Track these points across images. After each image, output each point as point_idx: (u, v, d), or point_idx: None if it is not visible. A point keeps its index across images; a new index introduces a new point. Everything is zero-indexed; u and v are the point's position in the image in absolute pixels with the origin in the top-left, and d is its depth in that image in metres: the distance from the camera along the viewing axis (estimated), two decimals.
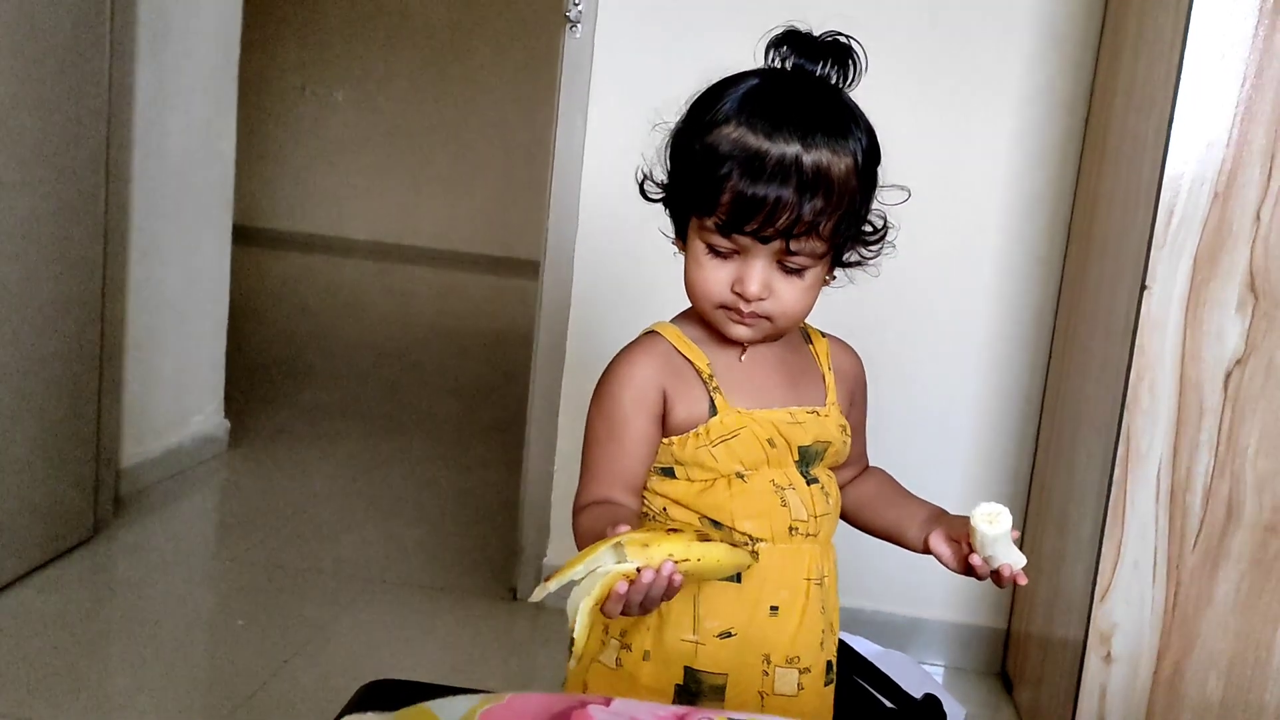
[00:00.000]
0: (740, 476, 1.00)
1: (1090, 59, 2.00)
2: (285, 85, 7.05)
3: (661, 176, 1.03)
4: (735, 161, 0.93)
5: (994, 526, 0.96)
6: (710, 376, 1.00)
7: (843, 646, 1.92)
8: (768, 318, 0.97)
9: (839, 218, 0.95)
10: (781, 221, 0.92)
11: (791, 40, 0.99)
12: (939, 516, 1.07)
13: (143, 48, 2.41)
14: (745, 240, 0.94)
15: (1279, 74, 1.50)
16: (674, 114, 1.02)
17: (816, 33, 1.00)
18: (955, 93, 2.05)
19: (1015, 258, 2.07)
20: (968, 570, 1.01)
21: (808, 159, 0.93)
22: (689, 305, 1.06)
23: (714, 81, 1.00)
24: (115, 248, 2.32)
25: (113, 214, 2.28)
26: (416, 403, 3.78)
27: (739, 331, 0.99)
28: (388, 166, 7.12)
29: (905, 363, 2.10)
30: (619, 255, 2.13)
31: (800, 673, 1.01)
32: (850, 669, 1.83)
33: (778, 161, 0.92)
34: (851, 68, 1.00)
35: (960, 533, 1.01)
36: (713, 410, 0.99)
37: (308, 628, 2.05)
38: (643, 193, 1.04)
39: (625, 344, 1.05)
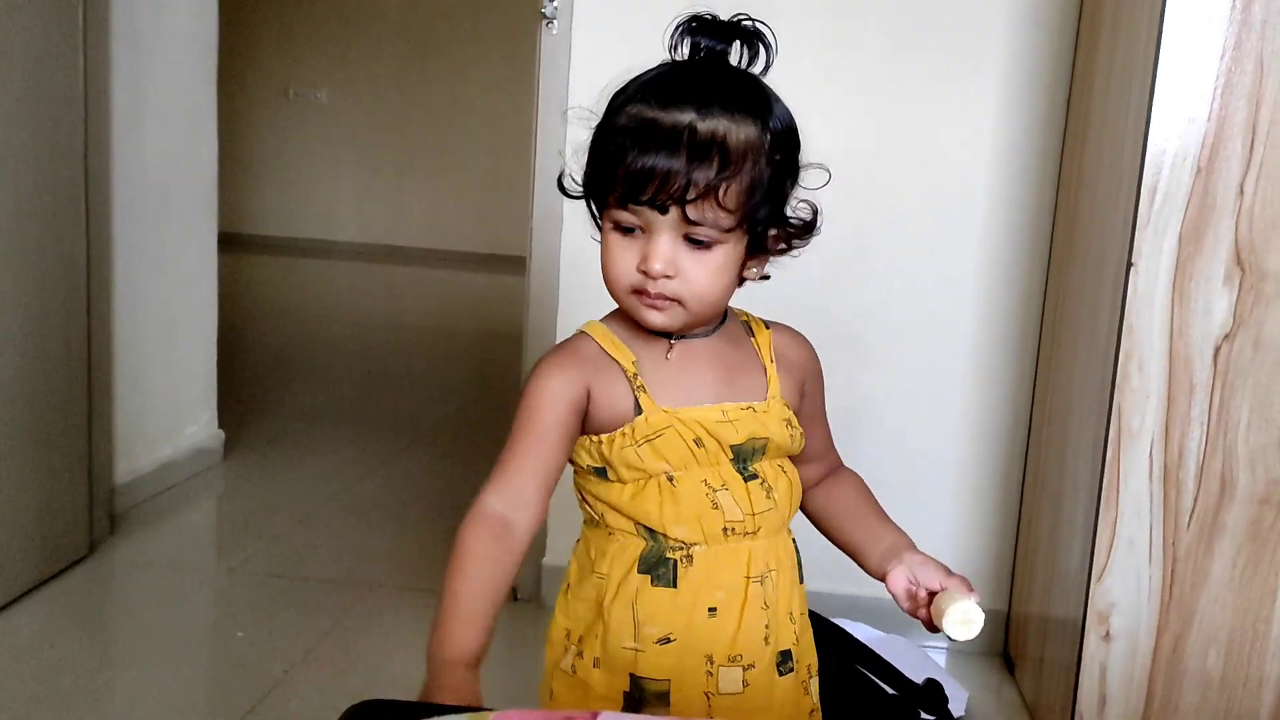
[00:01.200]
0: (670, 479, 0.98)
1: (1070, 38, 1.99)
2: (268, 88, 7.03)
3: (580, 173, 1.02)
4: (630, 134, 0.93)
5: (967, 630, 0.95)
6: (635, 375, 0.99)
7: (842, 634, 1.91)
8: (678, 301, 0.95)
9: (746, 189, 0.93)
10: (674, 188, 0.90)
11: (696, 24, 0.98)
12: (902, 550, 1.04)
13: (118, 57, 2.40)
14: (646, 214, 0.93)
15: (1257, 46, 1.50)
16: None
17: (724, 16, 0.99)
18: (936, 77, 2.04)
19: (1001, 239, 2.07)
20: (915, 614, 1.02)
21: (701, 125, 0.92)
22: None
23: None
24: (98, 261, 2.31)
25: (94, 227, 2.26)
26: (410, 403, 3.77)
27: (652, 317, 0.96)
28: (373, 165, 7.10)
29: (894, 349, 2.10)
30: None
31: (744, 669, 1.00)
32: (851, 657, 1.83)
33: (670, 128, 0.92)
34: (761, 50, 0.98)
35: (925, 579, 1.02)
36: (638, 409, 0.98)
37: (308, 637, 2.04)
38: (561, 188, 1.03)
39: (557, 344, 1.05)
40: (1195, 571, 1.60)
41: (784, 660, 1.03)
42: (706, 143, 0.91)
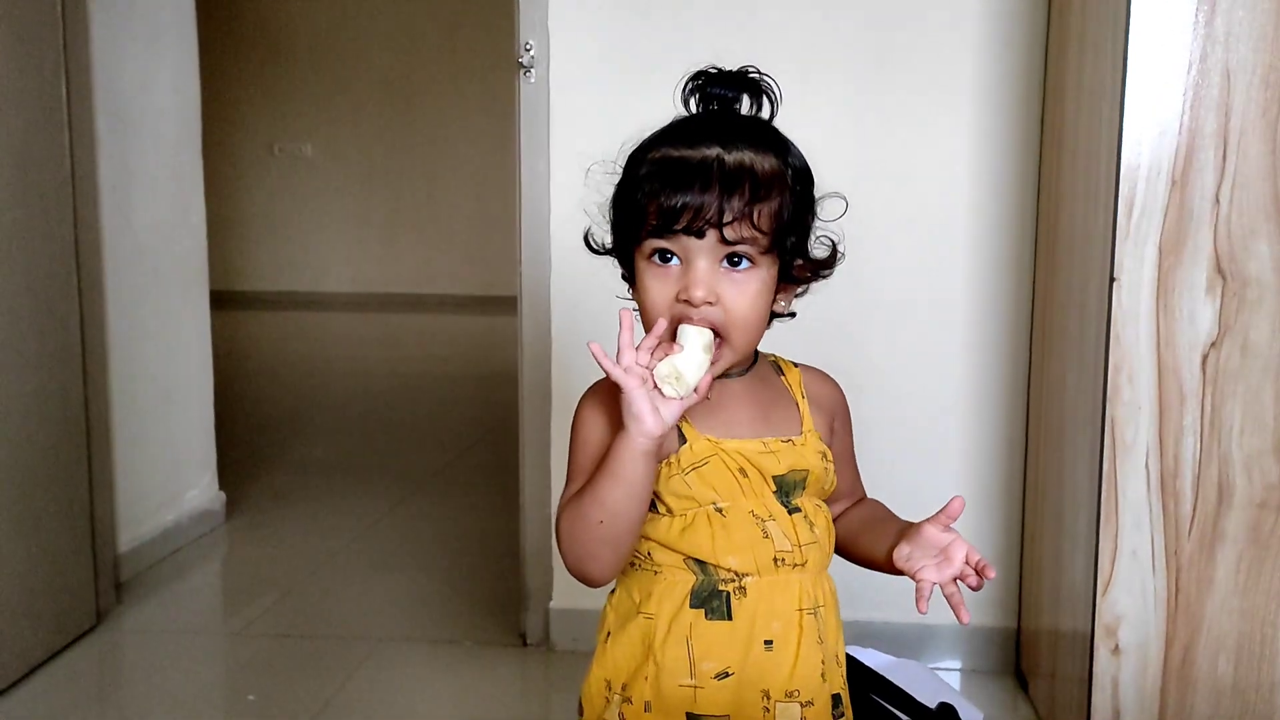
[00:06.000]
0: (719, 510, 1.00)
1: (1039, 58, 2.02)
2: (254, 145, 7.08)
3: (605, 233, 1.06)
4: (659, 173, 0.97)
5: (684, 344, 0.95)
6: None
7: (853, 662, 1.91)
8: (718, 329, 0.97)
9: (775, 212, 0.97)
10: (710, 214, 0.94)
11: (707, 78, 1.02)
12: (907, 529, 1.04)
13: (102, 132, 2.42)
14: (683, 242, 0.96)
15: (1223, 58, 1.52)
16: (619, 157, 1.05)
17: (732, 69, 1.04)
18: (909, 103, 2.06)
19: (986, 260, 2.08)
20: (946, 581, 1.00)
21: (729, 157, 0.96)
22: None
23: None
24: (93, 334, 2.32)
25: (87, 300, 2.28)
26: (410, 450, 3.77)
27: None
28: (362, 215, 7.14)
29: (888, 374, 2.11)
30: (595, 291, 2.12)
31: (802, 706, 1.01)
32: (864, 685, 1.83)
33: (699, 161, 0.96)
34: (767, 99, 1.03)
35: (925, 540, 1.00)
36: (682, 439, 1.00)
37: (319, 696, 2.04)
38: (588, 245, 1.07)
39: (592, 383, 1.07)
40: (1199, 580, 1.61)
41: (836, 704, 1.04)
42: (736, 171, 0.96)
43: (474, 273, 6.91)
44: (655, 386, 0.94)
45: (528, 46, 2.09)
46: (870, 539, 1.09)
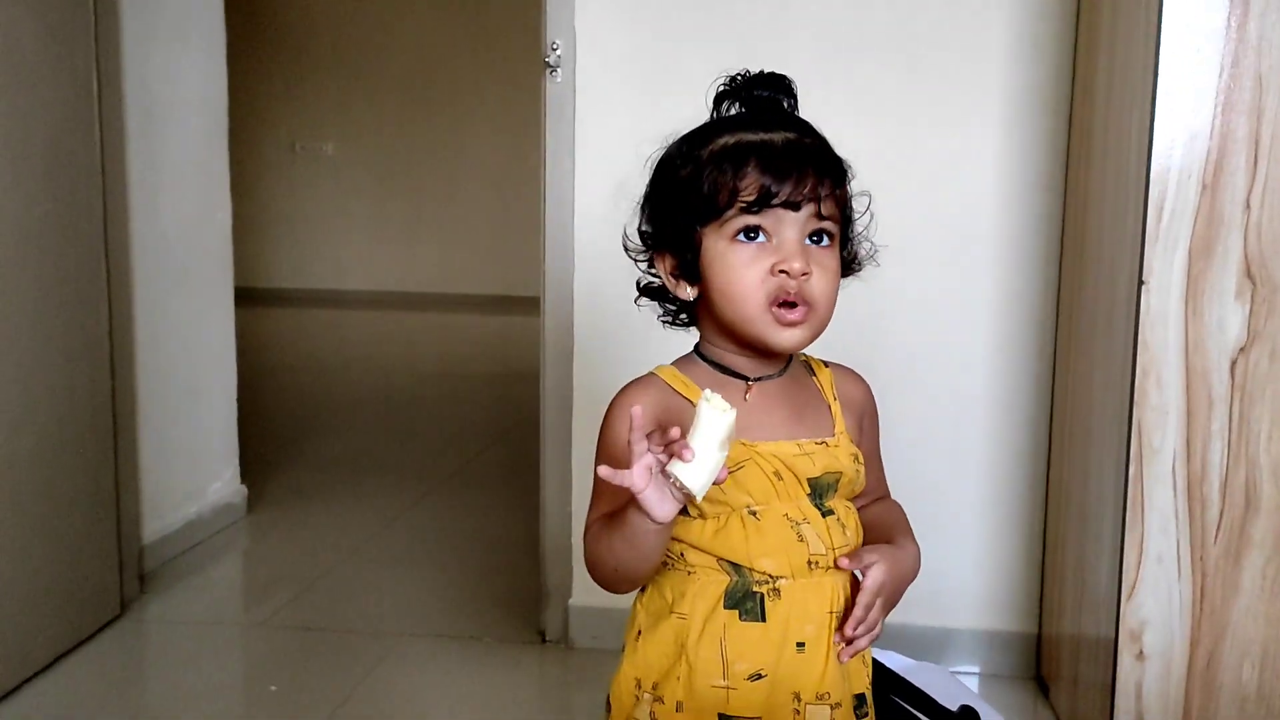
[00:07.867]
0: (753, 514, 1.00)
1: (1068, 61, 2.01)
2: (276, 143, 7.12)
3: (641, 235, 1.07)
4: (746, 155, 0.98)
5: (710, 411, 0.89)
6: None
7: (874, 664, 1.91)
8: (811, 305, 0.99)
9: (845, 195, 1.01)
10: (807, 186, 0.97)
11: (747, 80, 1.04)
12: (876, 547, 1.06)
13: (132, 127, 2.44)
14: (779, 215, 0.97)
15: (1255, 63, 1.52)
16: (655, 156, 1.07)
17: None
18: (937, 104, 2.06)
19: (1012, 261, 2.08)
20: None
21: (806, 140, 1.00)
22: (685, 353, 1.09)
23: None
24: (121, 328, 2.34)
25: (115, 293, 2.30)
26: (430, 448, 3.79)
27: (787, 335, 0.99)
28: (382, 214, 7.17)
29: (911, 376, 2.11)
30: (618, 291, 2.12)
31: (832, 708, 1.01)
32: (885, 687, 1.83)
33: (784, 142, 0.99)
34: (793, 97, 1.06)
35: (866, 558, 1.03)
36: None
37: (340, 689, 2.05)
38: (640, 242, 1.07)
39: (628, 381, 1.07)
40: (1225, 585, 1.60)
41: (860, 704, 1.05)
42: (819, 150, 1.00)
43: (493, 272, 6.93)
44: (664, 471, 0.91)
45: (554, 46, 2.10)
46: (871, 539, 1.09)
